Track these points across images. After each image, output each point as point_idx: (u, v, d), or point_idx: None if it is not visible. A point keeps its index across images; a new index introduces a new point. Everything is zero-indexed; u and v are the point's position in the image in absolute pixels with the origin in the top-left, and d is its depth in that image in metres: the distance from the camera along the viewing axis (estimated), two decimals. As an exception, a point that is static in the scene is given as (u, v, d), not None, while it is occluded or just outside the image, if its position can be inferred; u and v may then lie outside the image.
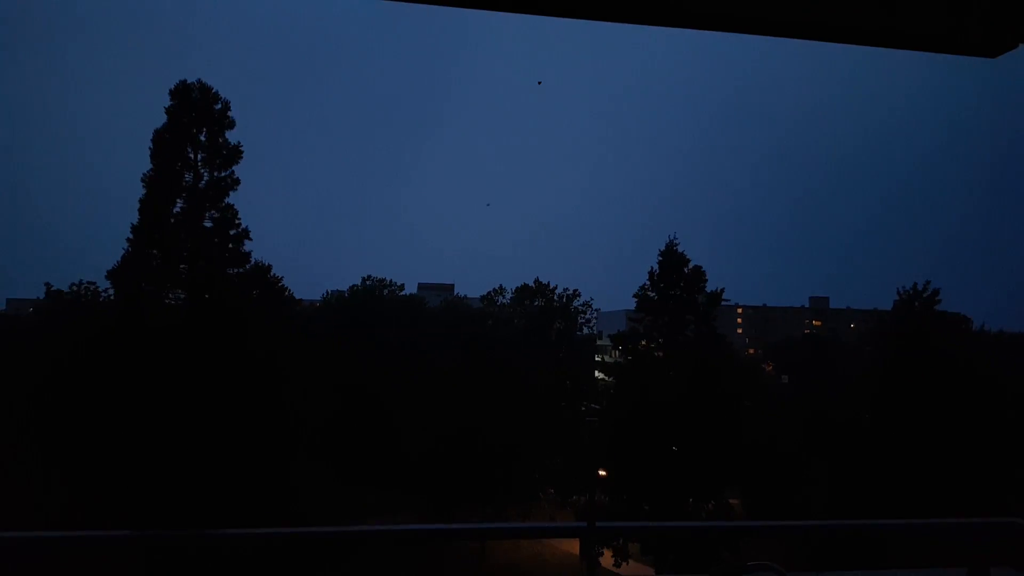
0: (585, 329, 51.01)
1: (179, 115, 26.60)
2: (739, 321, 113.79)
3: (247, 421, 22.81)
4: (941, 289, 32.48)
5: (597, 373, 45.69)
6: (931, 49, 1.79)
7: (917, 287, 32.84)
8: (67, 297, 28.35)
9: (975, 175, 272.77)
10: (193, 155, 26.68)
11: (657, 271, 32.03)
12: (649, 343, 32.17)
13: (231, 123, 27.22)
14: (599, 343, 55.86)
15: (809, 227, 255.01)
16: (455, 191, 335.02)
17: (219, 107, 27.01)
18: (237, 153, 27.09)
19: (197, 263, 26.07)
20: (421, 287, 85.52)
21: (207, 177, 26.71)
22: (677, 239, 32.10)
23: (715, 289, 31.67)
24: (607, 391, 37.06)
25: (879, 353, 33.39)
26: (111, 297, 27.33)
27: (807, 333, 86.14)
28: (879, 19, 1.70)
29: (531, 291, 49.44)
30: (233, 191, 26.96)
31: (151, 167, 26.06)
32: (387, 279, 51.46)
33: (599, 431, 32.13)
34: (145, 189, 25.86)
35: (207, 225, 26.64)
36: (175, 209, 26.27)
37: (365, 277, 50.30)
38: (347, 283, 50.58)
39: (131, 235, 25.78)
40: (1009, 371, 34.05)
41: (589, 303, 49.83)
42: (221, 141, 26.90)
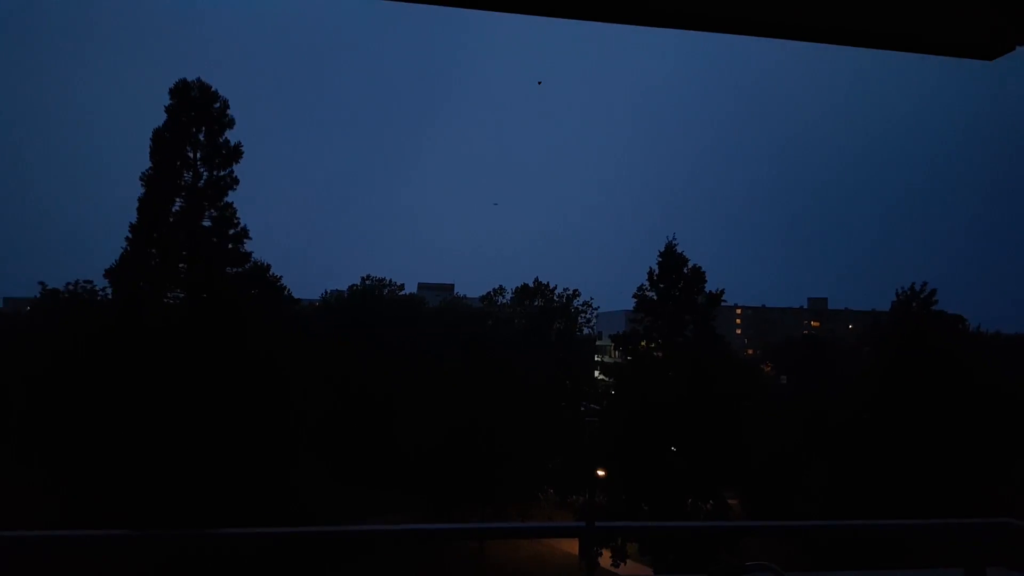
0: (585, 329, 50.91)
1: (179, 114, 26.58)
2: (738, 322, 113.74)
3: (246, 420, 22.81)
4: (938, 290, 32.57)
5: (597, 373, 45.68)
6: (928, 52, 1.80)
7: (915, 288, 32.89)
8: (64, 296, 28.25)
9: (973, 178, 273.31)
10: (192, 154, 26.65)
11: (656, 271, 32.02)
12: (648, 343, 32.18)
13: (230, 122, 27.19)
14: (599, 343, 55.77)
15: (807, 228, 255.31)
16: (455, 191, 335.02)
17: (218, 106, 26.95)
18: (237, 152, 27.06)
19: (196, 262, 26.05)
20: (421, 287, 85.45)
21: (206, 176, 26.70)
22: (676, 240, 32.13)
23: (714, 290, 31.68)
24: (607, 391, 37.07)
25: (877, 353, 33.40)
26: (108, 296, 27.26)
27: (806, 334, 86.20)
28: (877, 22, 1.71)
29: (531, 291, 49.35)
30: (232, 190, 26.98)
31: (150, 166, 26.05)
32: (386, 279, 51.35)
33: (599, 431, 32.12)
34: (144, 188, 25.86)
35: (206, 224, 26.64)
36: (174, 208, 26.26)
37: (364, 277, 50.21)
38: (346, 283, 50.50)
39: (130, 234, 25.78)
40: (1006, 372, 34.11)
41: (589, 303, 49.71)
42: (221, 140, 26.89)
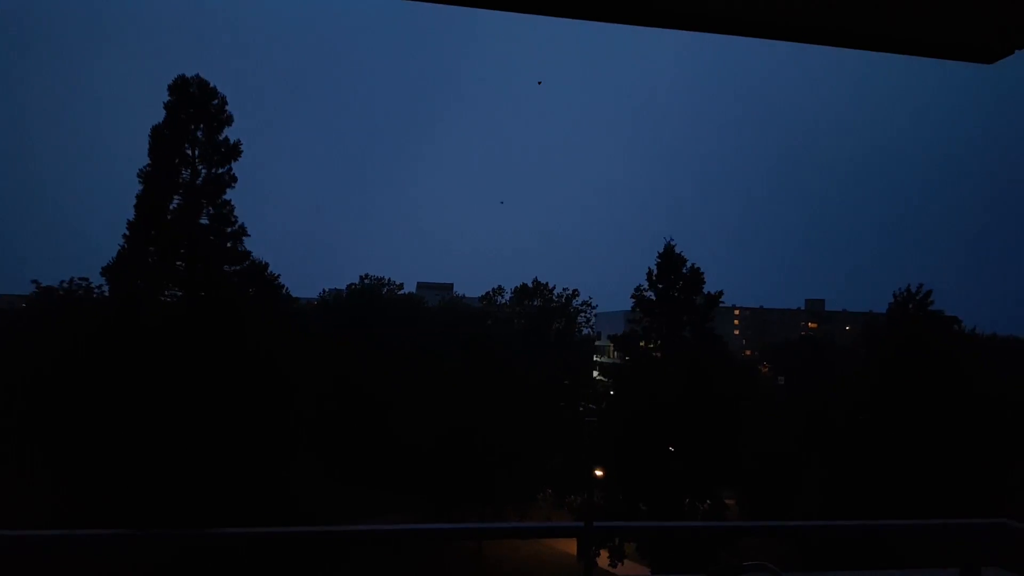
0: (584, 329, 50.86)
1: (177, 111, 26.44)
2: (736, 323, 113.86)
3: (245, 420, 22.76)
4: (934, 292, 32.56)
5: (596, 374, 45.69)
6: (927, 54, 1.79)
7: (911, 290, 32.91)
8: (59, 293, 28.07)
9: (971, 180, 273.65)
10: (191, 151, 26.55)
11: (655, 272, 32.03)
12: (647, 344, 32.19)
13: (229, 119, 27.07)
14: (598, 343, 55.72)
15: (806, 230, 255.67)
16: (454, 190, 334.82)
17: (216, 103, 26.81)
18: (235, 150, 26.93)
19: (194, 260, 25.97)
20: (420, 286, 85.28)
21: (204, 173, 26.61)
22: (675, 240, 32.15)
23: (713, 291, 31.72)
24: (606, 392, 37.10)
25: (874, 355, 33.40)
26: (105, 294, 27.13)
27: (803, 335, 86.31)
28: (876, 24, 1.70)
29: (530, 291, 49.29)
30: (231, 188, 26.87)
31: (148, 163, 25.95)
32: (386, 278, 51.20)
33: (597, 431, 32.14)
34: (142, 185, 25.76)
35: (204, 222, 26.56)
36: (172, 206, 26.17)
37: (363, 276, 50.05)
38: (345, 282, 50.17)
39: (127, 231, 25.70)
40: (1001, 373, 34.16)
41: (588, 303, 49.65)
42: (219, 138, 26.79)
